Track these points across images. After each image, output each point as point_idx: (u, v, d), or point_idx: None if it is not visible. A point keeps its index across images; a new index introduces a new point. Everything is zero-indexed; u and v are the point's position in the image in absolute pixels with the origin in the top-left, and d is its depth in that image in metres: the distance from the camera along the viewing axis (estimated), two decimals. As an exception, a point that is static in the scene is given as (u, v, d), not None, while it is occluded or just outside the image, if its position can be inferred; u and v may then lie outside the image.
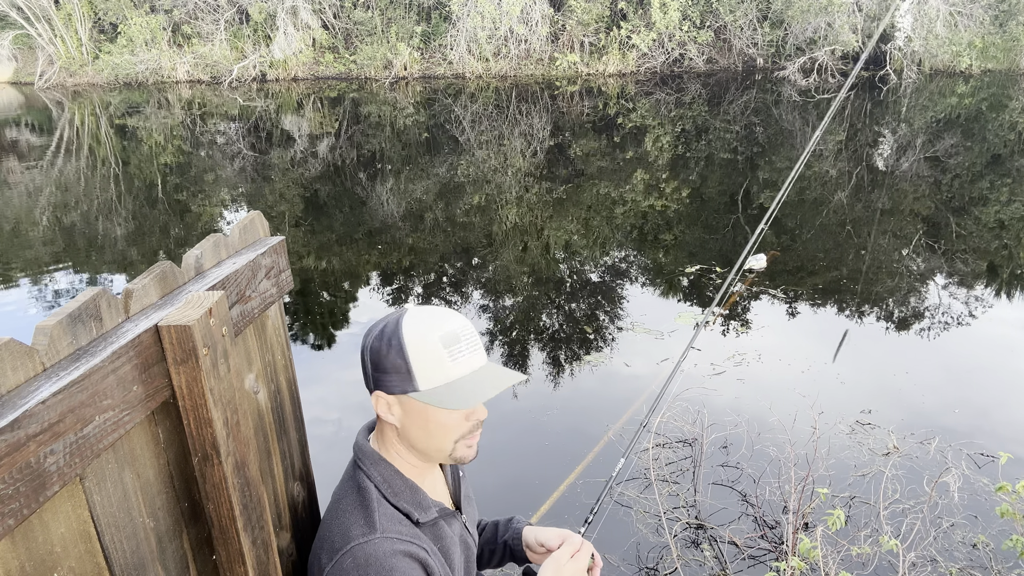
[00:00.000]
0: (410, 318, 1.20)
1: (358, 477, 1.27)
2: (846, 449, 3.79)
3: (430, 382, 1.18)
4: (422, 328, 1.18)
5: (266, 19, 20.53)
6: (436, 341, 1.17)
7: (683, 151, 11.55)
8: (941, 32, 18.39)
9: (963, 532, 3.19)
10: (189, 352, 0.94)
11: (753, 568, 3.03)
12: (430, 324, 1.19)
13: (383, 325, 1.21)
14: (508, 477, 3.68)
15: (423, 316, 1.20)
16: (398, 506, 1.24)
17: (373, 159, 11.57)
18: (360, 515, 1.21)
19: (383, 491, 1.25)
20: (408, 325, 1.19)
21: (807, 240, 7.18)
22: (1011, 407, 4.25)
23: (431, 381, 1.18)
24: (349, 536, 1.18)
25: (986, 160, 10.26)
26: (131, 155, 12.35)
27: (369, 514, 1.21)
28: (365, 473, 1.27)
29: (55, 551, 0.80)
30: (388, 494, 1.24)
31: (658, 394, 1.94)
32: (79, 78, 21.35)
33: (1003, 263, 6.54)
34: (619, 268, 6.73)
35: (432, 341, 1.17)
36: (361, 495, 1.24)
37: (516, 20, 19.63)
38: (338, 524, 1.22)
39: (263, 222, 1.33)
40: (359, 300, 6.17)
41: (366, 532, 1.18)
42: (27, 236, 7.97)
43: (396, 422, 1.24)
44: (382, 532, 1.18)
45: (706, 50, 20.62)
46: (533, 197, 9.07)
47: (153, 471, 0.98)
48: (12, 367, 0.77)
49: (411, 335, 1.18)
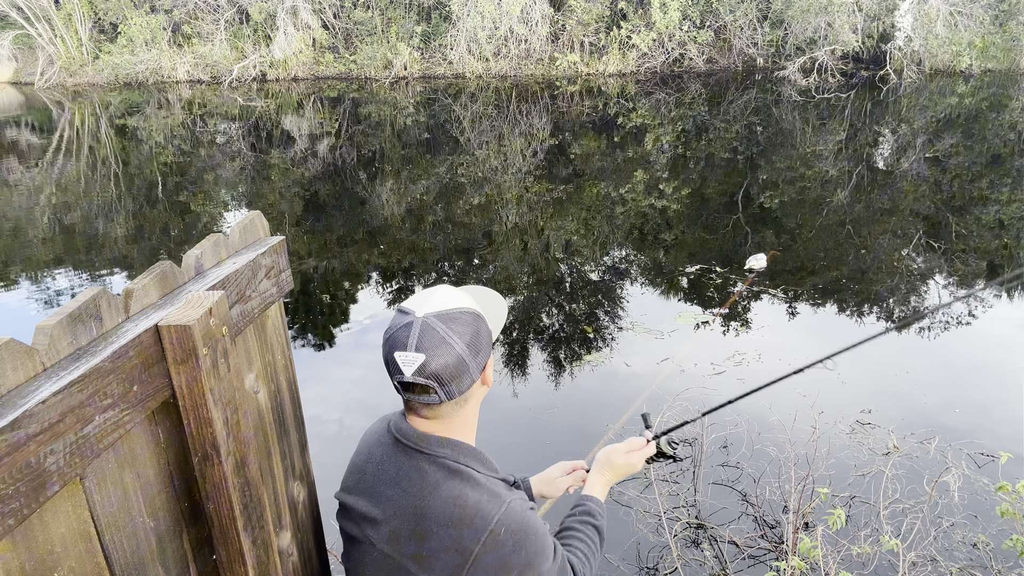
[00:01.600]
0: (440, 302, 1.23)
1: (447, 464, 1.24)
2: (846, 449, 3.79)
3: (489, 319, 1.31)
4: (453, 295, 1.25)
5: (266, 19, 20.53)
6: (463, 293, 1.28)
7: (683, 151, 11.55)
8: (941, 32, 18.38)
9: (963, 532, 3.19)
10: (189, 352, 0.94)
11: (753, 568, 3.03)
12: (447, 291, 1.26)
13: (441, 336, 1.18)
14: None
15: (439, 295, 1.25)
16: (493, 475, 1.28)
17: (373, 159, 11.57)
18: (479, 492, 1.22)
19: (477, 468, 1.26)
20: (451, 303, 1.23)
21: (807, 240, 7.18)
22: (1011, 407, 4.25)
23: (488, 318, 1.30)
24: (486, 512, 1.19)
25: (986, 160, 10.26)
26: (131, 155, 12.35)
27: (486, 488, 1.23)
28: (449, 459, 1.25)
29: (55, 551, 0.80)
30: (483, 468, 1.27)
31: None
32: (79, 78, 21.35)
33: (1003, 263, 6.54)
34: (619, 268, 6.73)
35: (463, 295, 1.27)
36: (464, 477, 1.24)
37: (516, 20, 19.62)
38: (462, 510, 1.20)
39: (263, 222, 1.33)
40: (359, 300, 6.17)
41: (498, 502, 1.21)
42: (27, 236, 7.97)
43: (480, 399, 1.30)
44: (508, 497, 1.23)
45: (706, 50, 20.61)
46: (533, 197, 9.07)
47: (153, 471, 0.98)
48: (12, 367, 0.77)
49: (461, 303, 1.24)
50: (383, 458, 1.29)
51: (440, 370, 1.17)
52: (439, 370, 1.17)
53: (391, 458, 1.28)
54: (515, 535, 1.19)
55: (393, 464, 1.27)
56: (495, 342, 1.35)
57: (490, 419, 4.24)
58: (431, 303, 1.21)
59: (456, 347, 1.18)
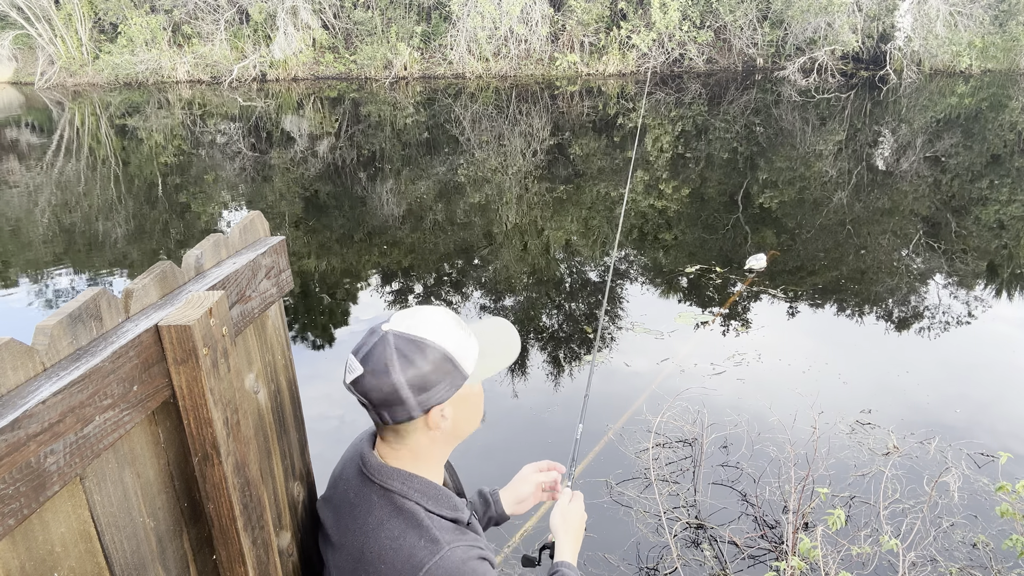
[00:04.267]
0: (414, 325, 1.17)
1: (394, 500, 1.21)
2: (846, 449, 3.79)
3: (470, 363, 1.20)
4: (436, 325, 1.18)
5: (266, 19, 20.52)
6: (454, 326, 1.19)
7: (683, 151, 11.55)
8: (941, 32, 18.38)
9: (963, 532, 3.19)
10: (189, 352, 0.94)
11: (753, 568, 3.03)
12: (435, 319, 1.19)
13: (385, 359, 1.14)
14: (509, 473, 3.68)
15: (421, 316, 1.19)
16: (444, 515, 1.22)
17: (373, 159, 11.57)
18: (417, 535, 1.17)
19: (426, 506, 1.20)
20: (424, 330, 1.16)
21: (807, 240, 7.18)
22: (1011, 406, 4.25)
23: (470, 361, 1.20)
24: (417, 560, 1.14)
25: (986, 160, 10.27)
26: (131, 155, 12.35)
27: (426, 531, 1.17)
28: (398, 494, 1.21)
29: (55, 551, 0.80)
30: (431, 506, 1.21)
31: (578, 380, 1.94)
32: (79, 78, 21.35)
33: (1003, 263, 6.55)
34: (619, 268, 6.73)
35: (453, 328, 1.19)
36: (406, 517, 1.19)
37: (516, 20, 19.62)
38: (396, 553, 1.15)
39: (263, 222, 1.33)
40: (359, 300, 6.17)
41: (433, 550, 1.14)
42: (27, 236, 7.98)
43: (450, 424, 1.21)
44: (448, 544, 1.16)
45: (706, 50, 20.62)
46: (533, 197, 9.07)
47: (153, 471, 0.98)
48: (12, 367, 0.77)
49: (438, 335, 1.16)
50: (350, 479, 1.28)
51: (370, 391, 1.14)
52: (369, 391, 1.14)
53: (354, 482, 1.27)
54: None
55: (354, 490, 1.26)
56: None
57: (490, 416, 4.24)
58: (407, 322, 1.17)
59: (393, 376, 1.12)
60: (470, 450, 3.78)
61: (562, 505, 1.57)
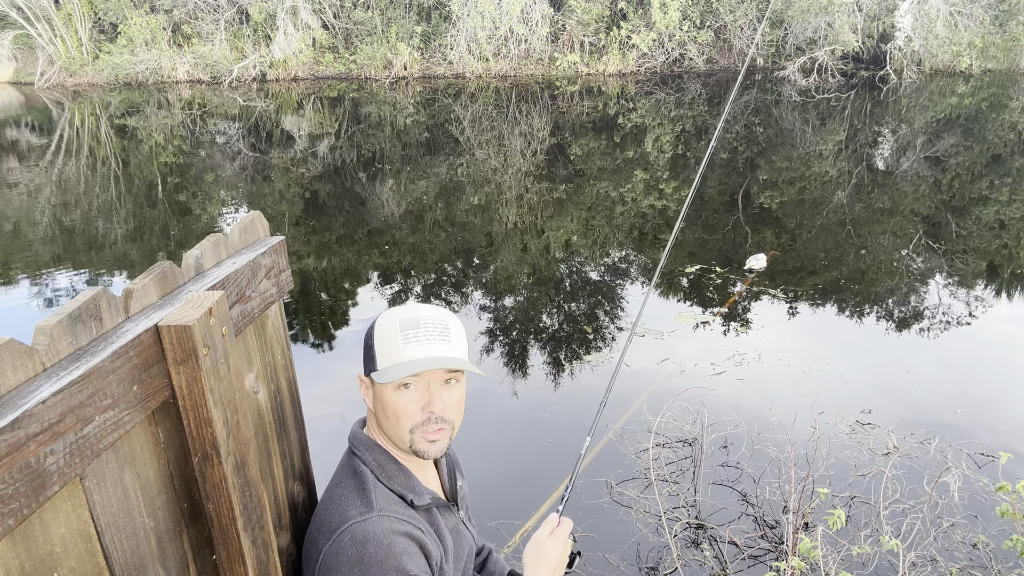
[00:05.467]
0: (390, 308, 1.33)
1: (353, 463, 1.31)
2: (846, 449, 3.79)
3: (384, 362, 1.25)
4: (389, 314, 1.29)
5: (266, 19, 20.52)
6: (395, 324, 1.26)
7: (683, 151, 11.55)
8: (941, 32, 18.38)
9: (963, 532, 3.19)
10: (189, 352, 0.94)
11: (753, 568, 3.03)
12: (398, 311, 1.29)
13: None
14: (509, 472, 3.68)
15: (399, 306, 1.32)
16: (393, 488, 1.27)
17: (373, 159, 11.57)
18: (357, 496, 1.24)
19: (377, 474, 1.28)
20: (384, 313, 1.31)
21: (807, 240, 7.18)
22: (1012, 406, 4.25)
23: (385, 361, 1.25)
24: (347, 516, 1.20)
25: (986, 160, 10.26)
26: (131, 155, 12.35)
27: (366, 495, 1.23)
28: (359, 458, 1.30)
29: (55, 551, 0.80)
30: (383, 477, 1.28)
31: (613, 374, 1.94)
32: (79, 78, 21.34)
33: (1003, 263, 6.55)
34: (619, 268, 6.73)
35: (392, 324, 1.26)
36: (357, 478, 1.27)
37: (516, 20, 19.62)
38: (335, 506, 1.24)
39: (263, 222, 1.33)
40: (359, 300, 6.17)
41: (363, 511, 1.20)
42: (27, 236, 7.97)
43: (370, 404, 1.32)
44: (379, 511, 1.21)
45: (706, 50, 20.61)
46: (533, 197, 9.07)
47: (153, 471, 0.98)
48: (12, 367, 0.77)
49: (380, 320, 1.30)
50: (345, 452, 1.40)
51: None
52: None
53: (344, 454, 1.38)
54: (358, 547, 1.15)
55: (341, 461, 1.38)
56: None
57: (491, 416, 4.24)
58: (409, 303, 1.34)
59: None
60: (470, 450, 3.78)
61: (541, 535, 1.37)
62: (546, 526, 1.40)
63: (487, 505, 3.37)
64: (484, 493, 3.51)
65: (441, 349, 1.24)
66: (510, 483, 3.62)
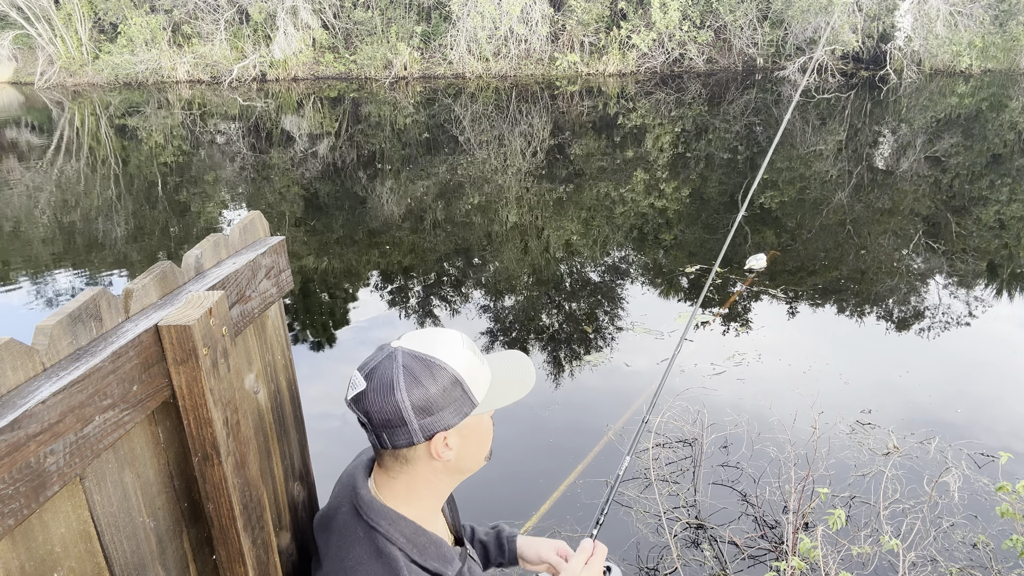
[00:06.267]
0: (426, 344, 1.10)
1: (377, 541, 1.11)
2: (846, 449, 3.79)
3: (480, 390, 1.13)
4: (448, 346, 1.11)
5: (266, 19, 20.52)
6: (467, 350, 1.13)
7: (683, 151, 11.55)
8: (941, 32, 18.38)
9: (963, 532, 3.19)
10: (189, 352, 0.94)
11: (753, 568, 3.03)
12: (448, 340, 1.12)
13: (392, 376, 1.07)
14: (510, 472, 3.68)
15: (434, 336, 1.13)
16: (427, 567, 1.12)
17: (373, 159, 11.57)
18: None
19: (410, 554, 1.11)
20: (435, 350, 1.10)
21: (807, 240, 7.18)
22: (1012, 406, 4.25)
23: (481, 389, 1.13)
24: None
25: (986, 160, 10.26)
26: (131, 155, 12.35)
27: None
28: (383, 535, 1.11)
29: (55, 551, 0.80)
30: (416, 556, 1.11)
31: (656, 389, 1.94)
32: (79, 78, 21.34)
33: (1003, 263, 6.54)
34: (619, 268, 6.73)
35: (466, 352, 1.12)
36: (384, 562, 1.09)
37: (516, 20, 19.62)
38: None
39: (263, 222, 1.33)
40: (359, 300, 6.17)
41: None
42: (27, 236, 7.97)
43: (454, 455, 1.12)
44: None
45: (706, 50, 20.61)
46: (533, 197, 9.07)
47: (153, 471, 0.98)
48: (12, 367, 0.77)
49: (449, 357, 1.09)
50: (344, 500, 1.21)
51: (372, 410, 1.06)
52: (370, 409, 1.06)
53: (344, 509, 1.19)
54: None
55: (343, 517, 1.18)
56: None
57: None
58: (419, 340, 1.11)
59: (397, 395, 1.05)
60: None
61: (575, 565, 1.30)
62: (580, 556, 1.30)
63: (488, 505, 3.37)
64: (485, 493, 3.51)
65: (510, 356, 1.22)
66: (511, 483, 3.62)
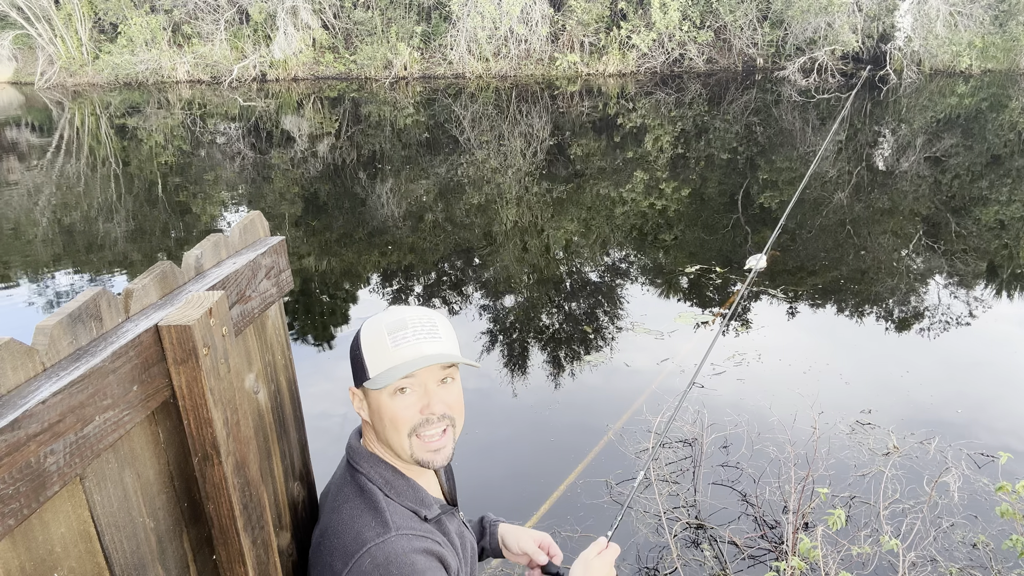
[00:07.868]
0: (373, 316, 1.29)
1: (358, 480, 1.27)
2: (846, 449, 3.79)
3: (376, 368, 1.22)
4: (374, 320, 1.27)
5: (266, 19, 20.51)
6: (382, 329, 1.24)
7: (683, 151, 11.55)
8: (941, 32, 18.37)
9: (963, 532, 3.19)
10: (189, 352, 0.94)
11: (753, 568, 3.03)
12: (381, 316, 1.27)
13: None
14: (511, 471, 3.68)
15: (384, 311, 1.28)
16: (404, 504, 1.25)
17: (373, 159, 11.57)
18: (370, 516, 1.21)
19: (386, 491, 1.25)
20: (367, 320, 1.29)
21: (807, 240, 7.18)
22: (1011, 406, 4.25)
23: (377, 367, 1.22)
24: (363, 538, 1.17)
25: (986, 160, 10.26)
26: (131, 155, 12.35)
27: (379, 514, 1.21)
28: (364, 475, 1.27)
29: (55, 551, 0.80)
30: (392, 493, 1.25)
31: (676, 405, 1.94)
32: (79, 78, 21.33)
33: (1003, 263, 6.54)
34: (619, 268, 6.73)
35: (379, 330, 1.24)
36: (366, 497, 1.24)
37: (516, 20, 19.61)
38: (348, 529, 1.20)
39: (263, 222, 1.33)
40: (359, 300, 6.17)
41: (380, 532, 1.17)
42: (27, 236, 7.97)
43: (366, 416, 1.28)
44: (397, 530, 1.18)
45: (706, 50, 20.61)
46: (533, 197, 9.07)
47: (153, 471, 0.98)
48: (12, 367, 0.77)
49: (365, 327, 1.27)
50: (341, 465, 1.36)
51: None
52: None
53: (341, 467, 1.34)
54: (380, 570, 1.13)
55: (340, 469, 1.34)
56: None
57: (492, 415, 4.24)
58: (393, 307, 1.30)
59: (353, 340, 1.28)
60: (471, 449, 3.78)
61: (589, 554, 1.41)
62: (594, 547, 1.41)
63: (488, 504, 3.36)
64: (486, 492, 3.51)
65: (432, 347, 1.21)
66: (511, 482, 3.62)
